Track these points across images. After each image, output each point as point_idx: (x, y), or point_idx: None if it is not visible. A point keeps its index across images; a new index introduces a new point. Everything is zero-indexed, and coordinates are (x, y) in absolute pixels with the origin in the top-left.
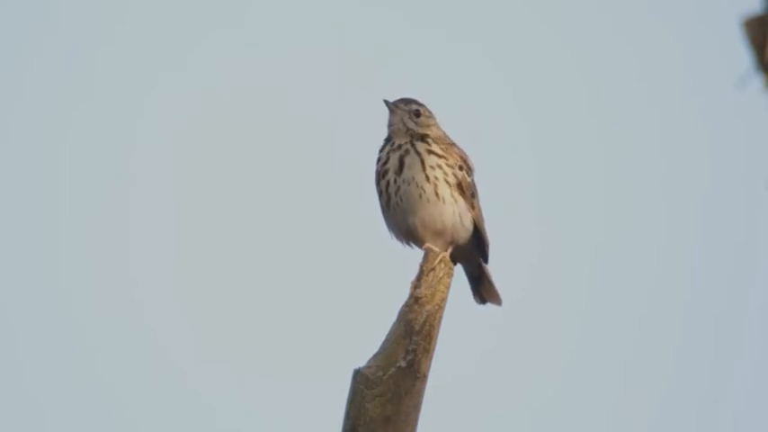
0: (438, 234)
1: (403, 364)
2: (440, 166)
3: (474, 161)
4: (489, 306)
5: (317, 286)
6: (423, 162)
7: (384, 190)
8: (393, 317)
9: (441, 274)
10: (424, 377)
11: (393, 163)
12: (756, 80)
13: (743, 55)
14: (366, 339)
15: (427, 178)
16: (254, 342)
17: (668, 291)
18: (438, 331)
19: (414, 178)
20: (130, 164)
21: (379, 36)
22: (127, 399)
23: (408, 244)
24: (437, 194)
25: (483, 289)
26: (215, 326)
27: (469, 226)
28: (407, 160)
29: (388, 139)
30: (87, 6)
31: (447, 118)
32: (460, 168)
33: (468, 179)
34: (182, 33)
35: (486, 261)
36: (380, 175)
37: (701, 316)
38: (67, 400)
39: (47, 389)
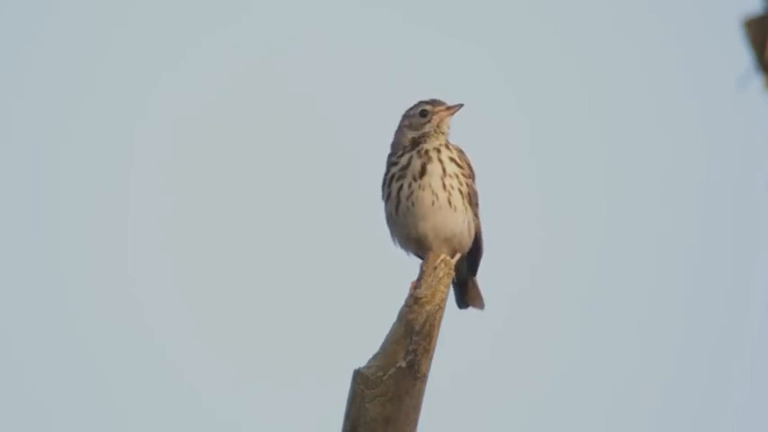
0: (446, 241)
1: (403, 364)
2: (457, 176)
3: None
4: (489, 309)
5: (317, 286)
6: (444, 170)
7: (395, 193)
8: (393, 317)
9: (441, 275)
10: (424, 377)
11: (414, 168)
12: (756, 80)
13: (743, 55)
14: (366, 339)
15: (444, 186)
16: (255, 342)
17: (668, 293)
18: (438, 331)
19: (430, 185)
20: (130, 164)
21: (380, 36)
22: (126, 398)
23: (412, 252)
24: (450, 203)
25: (467, 293)
26: (215, 326)
27: (473, 234)
28: (430, 167)
29: (413, 144)
30: (87, 6)
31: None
32: (470, 176)
33: (475, 187)
34: (182, 33)
35: (474, 273)
36: (394, 178)
37: (701, 316)
38: (67, 400)
39: (46, 388)
